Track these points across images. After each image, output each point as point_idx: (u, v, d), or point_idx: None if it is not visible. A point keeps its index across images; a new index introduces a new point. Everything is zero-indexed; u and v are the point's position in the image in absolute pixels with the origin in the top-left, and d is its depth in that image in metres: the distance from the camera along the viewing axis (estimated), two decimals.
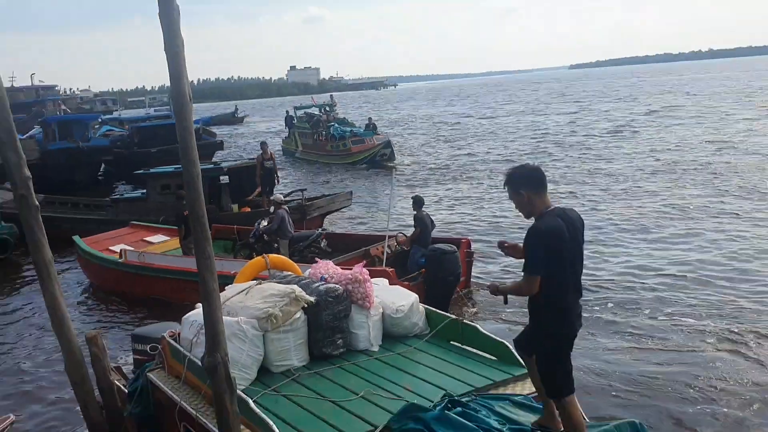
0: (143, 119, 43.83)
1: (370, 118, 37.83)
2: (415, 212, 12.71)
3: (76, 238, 15.42)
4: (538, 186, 4.52)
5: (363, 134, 33.84)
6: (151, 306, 13.05)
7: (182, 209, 14.16)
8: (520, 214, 4.69)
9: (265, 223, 14.23)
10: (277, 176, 20.09)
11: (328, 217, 19.02)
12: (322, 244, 13.75)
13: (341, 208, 19.27)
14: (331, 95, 45.26)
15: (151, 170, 20.32)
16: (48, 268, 6.03)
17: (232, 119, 73.77)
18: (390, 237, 12.61)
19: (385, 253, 12.10)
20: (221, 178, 18.54)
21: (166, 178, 19.12)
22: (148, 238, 15.85)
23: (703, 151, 28.79)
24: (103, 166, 33.67)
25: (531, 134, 40.32)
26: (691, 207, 18.98)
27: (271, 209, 14.42)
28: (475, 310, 11.61)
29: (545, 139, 37.36)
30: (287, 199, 18.36)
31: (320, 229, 14.60)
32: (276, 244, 13.72)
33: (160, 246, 15.22)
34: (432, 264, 10.87)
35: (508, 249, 4.93)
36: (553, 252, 4.34)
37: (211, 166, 19.27)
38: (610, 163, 27.65)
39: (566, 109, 57.61)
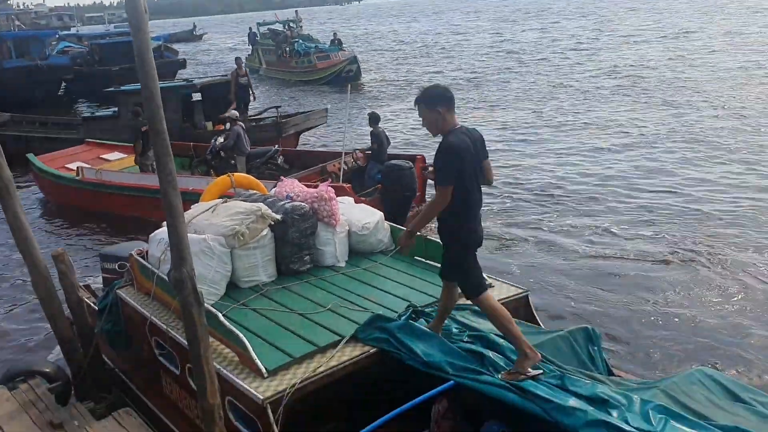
0: (103, 36, 42.29)
1: (335, 34, 36.81)
2: (371, 128, 12.93)
3: (30, 156, 15.36)
4: (450, 104, 4.71)
5: (328, 50, 33.16)
6: (112, 225, 13.19)
7: (139, 125, 14.21)
8: (429, 132, 4.89)
9: (221, 139, 14.30)
10: (252, 93, 19.77)
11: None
12: (279, 161, 14.00)
13: (317, 126, 19.12)
14: (296, 11, 43.97)
15: (123, 87, 19.59)
16: (8, 187, 5.99)
17: (191, 37, 71.28)
18: (347, 153, 12.81)
19: (341, 169, 12.22)
20: (193, 95, 18.04)
21: (138, 95, 18.44)
22: (104, 156, 15.84)
23: (661, 68, 29.01)
24: (63, 84, 32.69)
25: (496, 51, 39.96)
26: (643, 121, 19.51)
27: (227, 126, 14.36)
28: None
29: (511, 57, 37.09)
30: (262, 116, 18.40)
31: (276, 146, 14.63)
32: (232, 161, 13.89)
33: (117, 163, 15.25)
34: (388, 179, 11.04)
35: (431, 174, 5.06)
36: (463, 165, 4.59)
37: (183, 83, 18.79)
38: (573, 80, 27.79)
39: (532, 25, 57.02)
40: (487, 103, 24.73)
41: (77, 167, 14.27)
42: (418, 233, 5.65)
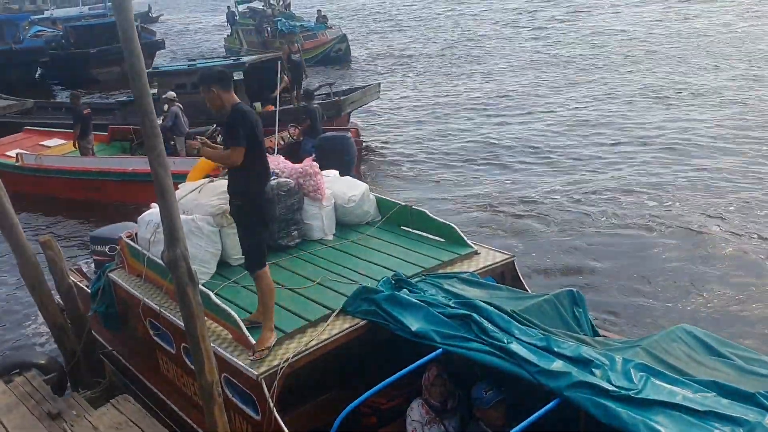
0: (78, 18, 41.51)
1: (319, 10, 34.86)
2: (305, 104, 13.49)
3: None
4: (227, 84, 5.14)
5: (314, 28, 31.51)
6: (66, 210, 13.40)
7: (80, 109, 14.39)
8: (211, 109, 5.23)
9: (160, 121, 14.27)
10: (305, 70, 18.40)
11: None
12: (219, 140, 14.05)
13: (372, 101, 18.43)
14: None
15: (161, 68, 18.83)
16: None
17: (147, 19, 65.93)
18: (283, 129, 13.28)
19: (276, 144, 12.48)
20: (234, 74, 17.31)
21: (181, 76, 17.43)
22: (44, 143, 15.88)
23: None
24: (39, 69, 32.21)
25: (480, 22, 39.34)
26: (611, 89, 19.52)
27: (165, 107, 14.44)
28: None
29: (496, 25, 36.64)
30: (316, 94, 17.26)
31: (215, 125, 14.74)
32: (172, 142, 14.00)
33: (57, 149, 15.35)
34: (323, 150, 11.03)
35: (198, 145, 5.35)
36: (252, 130, 5.01)
37: (231, 61, 17.75)
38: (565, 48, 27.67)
39: None
40: (468, 70, 24.67)
41: (17, 154, 14.45)
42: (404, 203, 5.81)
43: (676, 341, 4.45)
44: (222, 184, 6.50)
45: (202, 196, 6.38)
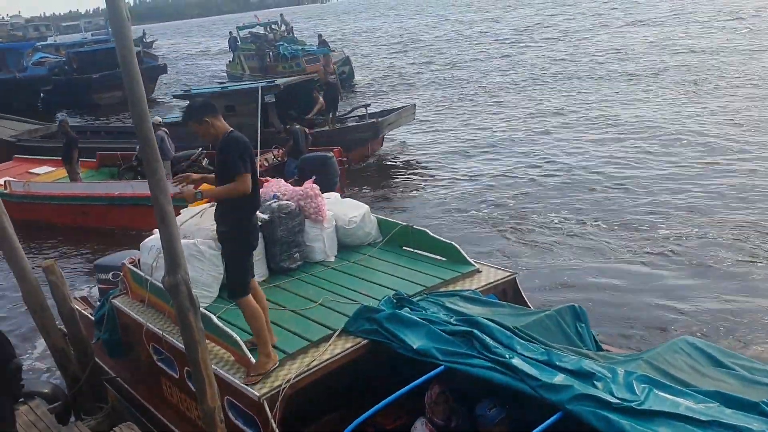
0: (81, 44, 41.93)
1: (319, 35, 34.89)
2: (288, 126, 13.85)
3: None
4: (214, 111, 5.00)
5: (317, 51, 31.14)
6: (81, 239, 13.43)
7: (70, 132, 14.76)
8: (207, 141, 5.22)
9: None
10: (341, 92, 18.38)
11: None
12: (204, 162, 14.24)
13: (407, 123, 18.19)
14: (281, 14, 40.81)
15: (194, 90, 18.78)
16: None
17: (140, 44, 65.36)
18: (267, 151, 13.70)
19: (259, 165, 12.45)
20: (266, 97, 16.78)
21: (213, 98, 16.89)
22: (33, 170, 16.03)
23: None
24: (42, 95, 32.52)
25: (484, 41, 39.50)
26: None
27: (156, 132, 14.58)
28: None
29: (503, 45, 36.64)
30: (350, 115, 17.46)
31: (200, 149, 14.88)
32: None
33: (46, 176, 15.53)
34: (305, 171, 11.07)
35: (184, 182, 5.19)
36: (249, 158, 4.89)
37: (264, 83, 17.57)
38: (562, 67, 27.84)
39: (520, 12, 56.23)
40: (471, 94, 24.84)
41: (5, 181, 14.66)
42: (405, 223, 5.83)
43: (678, 353, 4.45)
44: None
45: (204, 220, 6.41)
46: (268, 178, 7.83)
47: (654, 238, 10.47)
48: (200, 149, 14.84)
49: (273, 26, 36.93)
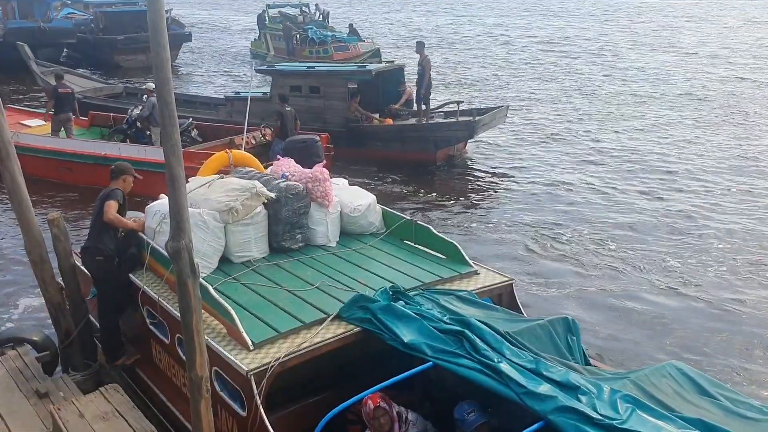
0: (109, 4, 41.96)
1: (351, 24, 33.83)
2: (278, 108, 13.57)
3: None
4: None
5: (347, 40, 30.32)
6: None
7: (58, 85, 14.83)
8: None
9: (137, 111, 14.66)
10: (430, 80, 16.04)
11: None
12: (193, 134, 14.29)
13: (499, 125, 16.93)
14: (316, 3, 38.35)
15: (278, 67, 17.92)
16: (7, 148, 6.10)
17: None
18: (256, 129, 13.39)
19: (245, 143, 12.52)
20: (349, 84, 15.93)
21: (298, 77, 16.36)
22: (25, 122, 15.98)
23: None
24: (65, 50, 32.54)
25: (521, 45, 38.63)
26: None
27: (145, 97, 14.67)
28: None
29: (546, 48, 35.77)
30: (442, 110, 16.54)
31: (190, 119, 14.84)
32: (148, 132, 14.26)
33: (38, 129, 15.44)
34: (290, 153, 10.94)
35: None
36: None
37: (354, 67, 16.77)
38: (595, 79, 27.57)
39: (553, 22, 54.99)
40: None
41: None
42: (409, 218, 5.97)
43: (665, 377, 4.47)
44: (232, 181, 6.60)
45: (211, 191, 6.45)
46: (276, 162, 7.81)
47: (674, 271, 10.36)
48: (190, 119, 14.81)
49: (305, 8, 36.22)
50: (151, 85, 14.66)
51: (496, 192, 14.32)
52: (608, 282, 9.89)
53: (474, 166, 16.02)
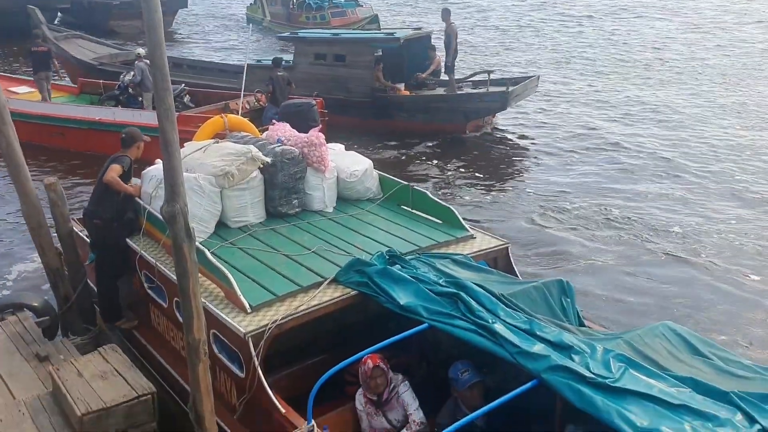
0: None
1: None
2: (270, 73, 13.56)
3: None
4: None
5: (344, 5, 29.92)
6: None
7: (35, 45, 14.89)
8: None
9: (129, 76, 14.60)
10: (457, 49, 15.45)
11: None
12: (185, 99, 14.19)
13: (530, 95, 16.49)
14: None
15: (301, 34, 17.36)
16: (2, 112, 6.08)
17: None
18: (250, 94, 13.17)
19: (241, 108, 12.39)
20: (375, 51, 15.35)
21: (322, 44, 15.86)
22: (12, 89, 15.83)
23: None
24: (59, 14, 32.12)
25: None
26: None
27: (135, 63, 14.57)
28: None
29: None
30: (472, 80, 15.98)
31: (182, 85, 14.74)
32: (140, 98, 14.24)
33: (26, 95, 15.38)
34: (287, 117, 10.49)
35: None
36: None
37: (382, 34, 16.08)
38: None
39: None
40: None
41: None
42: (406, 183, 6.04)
43: (658, 337, 4.51)
44: (227, 145, 6.58)
45: (207, 156, 6.43)
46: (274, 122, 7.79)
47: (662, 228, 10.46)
48: (182, 85, 14.69)
49: None
50: (142, 51, 14.55)
51: (521, 163, 13.99)
52: (610, 249, 9.95)
53: (501, 138, 15.53)
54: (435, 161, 13.80)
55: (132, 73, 14.57)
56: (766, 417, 3.69)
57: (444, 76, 15.40)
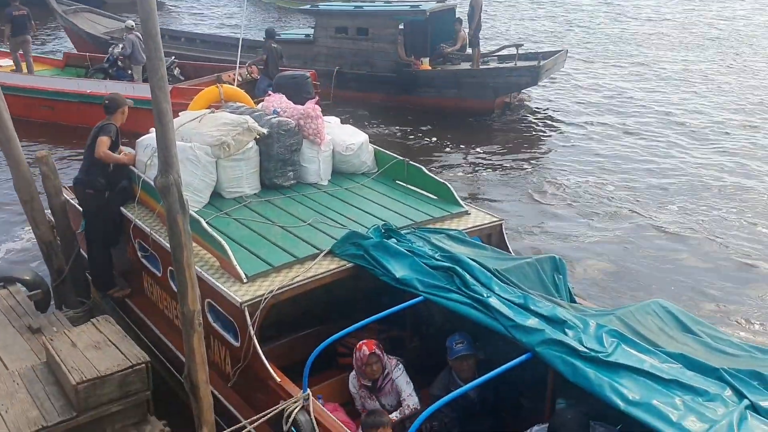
0: None
1: None
2: (265, 44, 13.38)
3: None
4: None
5: None
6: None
7: (12, 9, 14.60)
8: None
9: (119, 49, 14.45)
10: (480, 22, 15.00)
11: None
12: (175, 72, 14.08)
13: (559, 70, 15.99)
14: None
15: (322, 6, 16.77)
16: None
17: None
18: (241, 65, 12.91)
19: (235, 80, 12.31)
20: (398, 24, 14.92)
21: (344, 17, 15.23)
22: None
23: None
24: None
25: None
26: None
27: (124, 36, 14.44)
28: None
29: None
30: (499, 54, 15.63)
31: (173, 57, 14.57)
32: (130, 70, 14.13)
33: (8, 68, 15.19)
34: (280, 88, 10.15)
35: None
36: None
37: (407, 6, 15.22)
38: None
39: None
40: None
41: None
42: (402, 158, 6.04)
43: (650, 314, 4.58)
44: (223, 115, 6.55)
45: (203, 125, 6.40)
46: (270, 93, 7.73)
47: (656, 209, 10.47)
48: (173, 57, 14.51)
49: None
50: (131, 23, 14.36)
51: (548, 140, 13.63)
52: (609, 226, 10.01)
53: (523, 115, 15.07)
54: (451, 138, 13.52)
55: (122, 45, 14.38)
56: (754, 393, 3.76)
57: (469, 51, 15.00)
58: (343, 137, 7.07)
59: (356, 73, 14.17)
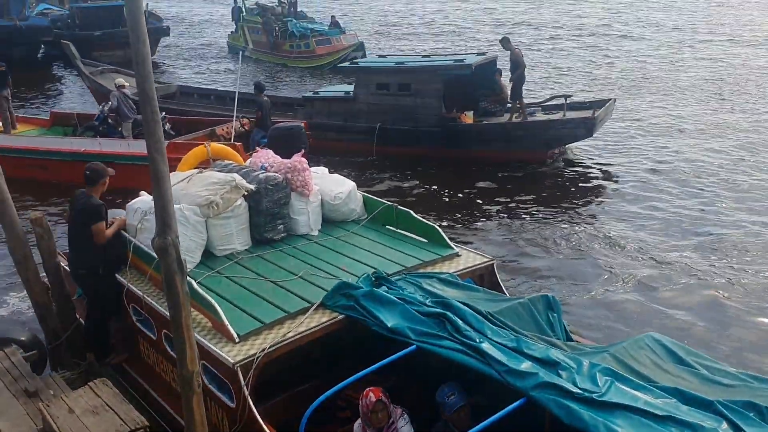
0: None
1: (333, 16, 32.53)
2: (256, 98, 13.63)
3: None
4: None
5: (329, 33, 29.35)
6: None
7: None
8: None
9: (107, 107, 14.54)
10: (523, 74, 14.76)
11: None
12: (166, 127, 14.15)
13: (607, 121, 15.33)
14: None
15: (362, 63, 16.76)
16: None
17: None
18: (235, 119, 13.12)
19: (233, 131, 12.55)
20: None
21: (385, 74, 15.06)
22: None
23: None
24: (42, 47, 32.17)
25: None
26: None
27: (112, 92, 14.53)
28: None
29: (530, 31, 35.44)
30: (547, 104, 15.34)
31: (163, 113, 14.72)
32: (119, 127, 14.19)
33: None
34: (278, 140, 10.56)
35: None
36: None
37: (450, 62, 14.97)
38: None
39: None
40: None
41: None
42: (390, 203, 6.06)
43: (643, 348, 4.57)
44: (211, 175, 6.61)
45: (191, 186, 6.46)
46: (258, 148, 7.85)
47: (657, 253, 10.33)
48: (163, 113, 14.67)
49: (283, 0, 35.21)
50: (120, 80, 14.52)
51: (597, 193, 13.19)
52: (601, 264, 10.00)
53: (575, 165, 14.70)
54: (495, 190, 13.23)
55: (109, 102, 14.51)
56: (750, 424, 3.74)
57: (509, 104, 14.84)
58: (331, 186, 7.13)
59: (398, 128, 14.12)
